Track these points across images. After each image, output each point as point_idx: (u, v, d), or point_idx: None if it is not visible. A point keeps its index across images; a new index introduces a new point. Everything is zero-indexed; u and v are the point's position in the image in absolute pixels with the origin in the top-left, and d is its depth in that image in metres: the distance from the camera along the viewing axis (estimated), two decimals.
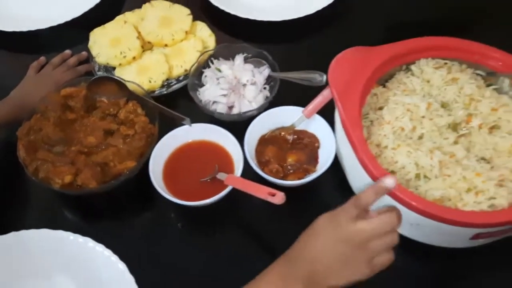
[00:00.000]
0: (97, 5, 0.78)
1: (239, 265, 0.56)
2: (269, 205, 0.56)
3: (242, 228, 0.61)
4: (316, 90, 0.61)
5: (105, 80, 0.64)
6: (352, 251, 0.42)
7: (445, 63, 0.61)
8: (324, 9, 0.76)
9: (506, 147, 0.54)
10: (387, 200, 0.50)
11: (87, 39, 0.73)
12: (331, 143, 0.60)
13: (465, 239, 0.52)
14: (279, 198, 0.51)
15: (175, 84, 0.70)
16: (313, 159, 0.62)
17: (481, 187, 0.51)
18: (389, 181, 0.43)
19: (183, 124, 0.61)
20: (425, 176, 0.53)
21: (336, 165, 0.60)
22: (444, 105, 0.59)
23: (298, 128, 0.63)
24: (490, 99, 0.58)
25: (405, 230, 0.55)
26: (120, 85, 0.64)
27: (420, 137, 0.56)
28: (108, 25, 0.74)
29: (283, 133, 0.63)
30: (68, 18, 0.76)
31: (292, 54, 0.75)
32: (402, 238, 0.55)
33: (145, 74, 0.69)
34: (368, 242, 0.42)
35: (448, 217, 0.48)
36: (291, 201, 0.60)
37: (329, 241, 0.43)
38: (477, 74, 0.61)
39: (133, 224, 0.61)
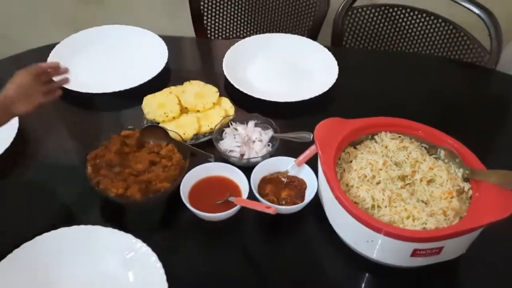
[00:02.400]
0: (149, 80, 1.03)
1: (239, 266, 0.73)
2: (264, 229, 0.74)
3: (242, 241, 0.78)
4: (305, 146, 0.82)
5: (153, 128, 0.86)
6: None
7: (399, 136, 0.83)
8: (315, 96, 1.00)
9: (438, 194, 0.73)
10: (353, 221, 0.68)
11: (140, 101, 0.96)
12: (314, 185, 0.79)
13: (407, 255, 0.68)
14: (272, 209, 0.69)
15: (202, 138, 0.91)
16: (301, 197, 0.80)
17: (417, 216, 0.69)
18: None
19: (208, 161, 0.81)
20: (378, 206, 0.71)
21: (318, 204, 0.79)
22: (396, 164, 0.79)
23: (291, 173, 0.83)
24: (429, 162, 0.78)
25: (363, 247, 0.72)
26: (164, 132, 0.85)
27: (378, 183, 0.75)
28: (157, 93, 0.97)
29: (279, 176, 0.83)
30: (128, 87, 1.01)
31: (290, 122, 0.96)
32: (360, 257, 0.72)
33: (180, 129, 0.91)
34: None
35: (393, 231, 0.66)
36: (282, 226, 0.78)
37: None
38: (422, 146, 0.82)
39: (164, 228, 0.79)
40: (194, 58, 1.20)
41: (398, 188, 0.74)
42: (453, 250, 0.70)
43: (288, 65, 1.13)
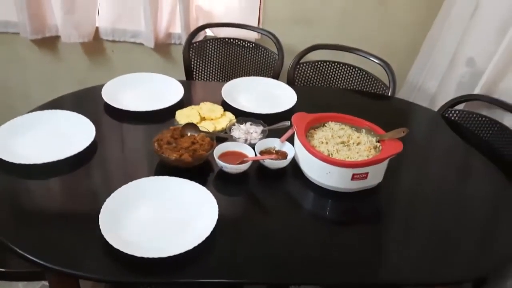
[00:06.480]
0: (177, 103, 1.50)
1: (247, 200, 1.19)
2: (262, 179, 1.21)
3: (248, 186, 1.23)
4: (283, 132, 1.31)
5: (189, 125, 1.32)
6: None
7: (340, 124, 1.35)
8: (284, 110, 1.52)
9: (363, 148, 1.23)
10: (318, 161, 1.16)
11: (171, 116, 1.42)
12: (292, 152, 1.27)
13: (348, 179, 1.17)
14: (274, 156, 1.17)
15: (217, 134, 1.38)
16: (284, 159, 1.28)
17: (352, 157, 1.19)
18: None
19: (228, 140, 1.28)
20: (331, 154, 1.20)
21: (294, 165, 1.27)
22: (339, 136, 1.29)
23: (277, 148, 1.31)
24: (357, 134, 1.30)
25: (322, 178, 1.19)
26: (196, 127, 1.31)
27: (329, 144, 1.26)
28: (184, 109, 1.45)
29: (270, 150, 1.30)
30: (164, 106, 1.47)
31: (273, 120, 1.45)
32: (319, 187, 1.20)
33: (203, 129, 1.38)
34: None
35: (340, 163, 1.15)
36: (272, 177, 1.25)
37: None
38: (353, 128, 1.34)
39: (206, 177, 1.21)
40: (200, 92, 1.71)
41: (341, 147, 1.25)
42: (374, 176, 1.20)
43: (263, 94, 1.66)
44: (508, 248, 1.10)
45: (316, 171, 1.21)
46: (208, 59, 2.09)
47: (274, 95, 1.66)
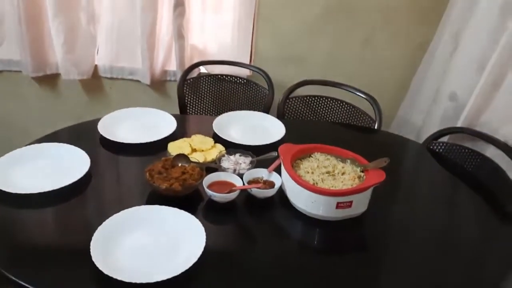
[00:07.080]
0: (170, 135, 1.55)
1: (235, 229, 1.21)
2: (250, 208, 1.24)
3: (237, 215, 1.25)
4: (270, 162, 1.35)
5: (180, 156, 1.36)
6: None
7: (325, 154, 1.39)
8: (273, 142, 1.57)
9: (348, 178, 1.28)
10: (304, 190, 1.20)
11: (164, 148, 1.47)
12: (279, 181, 1.31)
13: (333, 207, 1.20)
14: (261, 185, 1.20)
15: (207, 165, 1.42)
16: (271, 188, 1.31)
17: (337, 186, 1.23)
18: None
19: (217, 170, 1.32)
20: (316, 183, 1.24)
21: (281, 194, 1.30)
22: (324, 166, 1.34)
23: (264, 178, 1.35)
24: (342, 165, 1.34)
25: (308, 207, 1.22)
26: (186, 158, 1.35)
27: (315, 174, 1.29)
28: (176, 141, 1.49)
29: (258, 179, 1.34)
30: (157, 138, 1.51)
31: (262, 152, 1.49)
32: (305, 215, 1.23)
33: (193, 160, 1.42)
34: None
35: (325, 191, 1.18)
36: (260, 206, 1.28)
37: None
38: (338, 158, 1.39)
39: (196, 206, 1.24)
40: (192, 125, 1.76)
41: (326, 177, 1.29)
42: (359, 204, 1.23)
43: (253, 127, 1.71)
44: (496, 276, 1.13)
45: (302, 200, 1.24)
46: (202, 95, 2.16)
47: (263, 127, 1.71)
